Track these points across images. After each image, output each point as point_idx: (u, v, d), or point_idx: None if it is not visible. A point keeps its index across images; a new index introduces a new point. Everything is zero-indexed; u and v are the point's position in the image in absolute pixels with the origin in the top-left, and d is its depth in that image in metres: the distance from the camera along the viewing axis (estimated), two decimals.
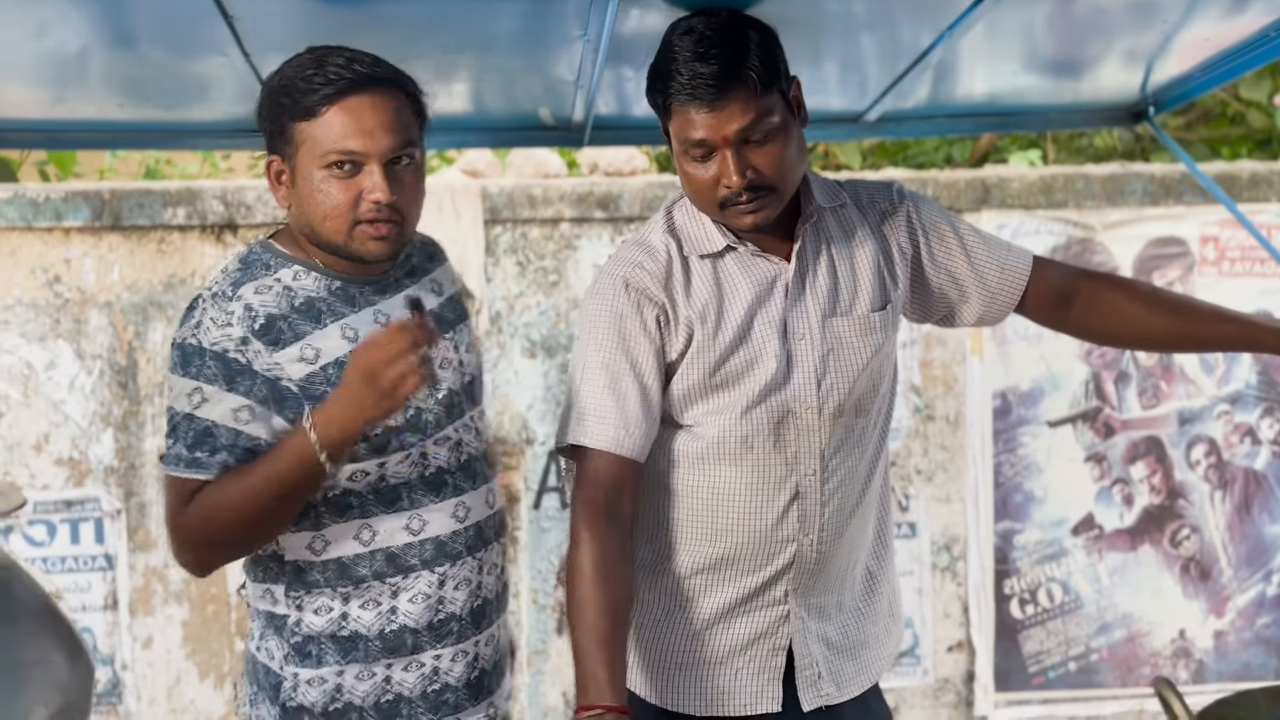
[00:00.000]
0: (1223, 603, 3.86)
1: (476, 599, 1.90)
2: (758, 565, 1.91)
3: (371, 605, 1.85)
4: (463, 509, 1.89)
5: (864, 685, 2.02)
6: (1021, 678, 3.78)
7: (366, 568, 1.84)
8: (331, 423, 1.72)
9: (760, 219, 1.83)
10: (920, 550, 3.74)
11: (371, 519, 1.84)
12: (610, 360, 1.85)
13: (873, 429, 1.98)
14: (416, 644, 1.86)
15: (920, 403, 3.73)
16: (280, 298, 1.81)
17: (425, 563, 1.86)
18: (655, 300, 1.86)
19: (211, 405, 1.77)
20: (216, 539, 1.79)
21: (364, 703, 1.86)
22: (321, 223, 1.77)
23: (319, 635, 1.85)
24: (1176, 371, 3.80)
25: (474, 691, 1.91)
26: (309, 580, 1.85)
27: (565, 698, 3.58)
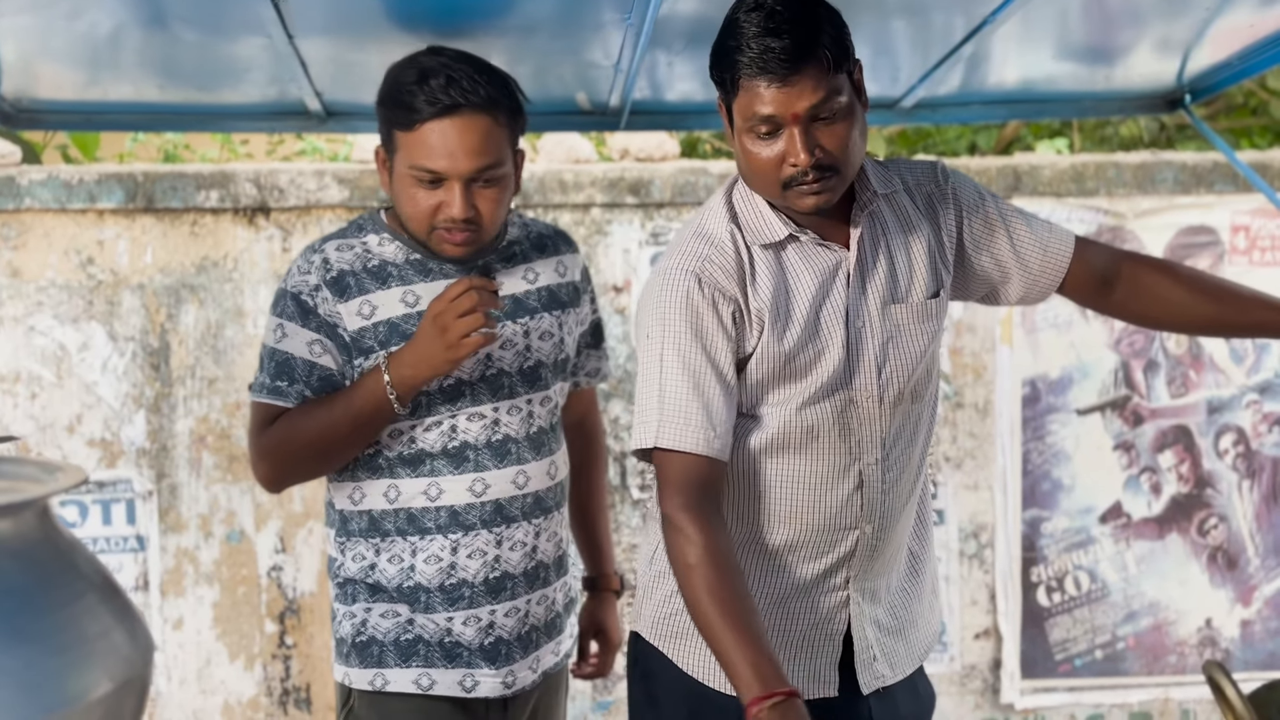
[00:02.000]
0: (1250, 592, 3.85)
1: (500, 572, 2.06)
2: (820, 553, 1.91)
3: (396, 560, 2.04)
4: (481, 484, 2.04)
5: (913, 665, 2.03)
6: (1048, 665, 3.78)
7: (432, 521, 2.05)
8: (403, 366, 1.91)
9: (823, 201, 1.80)
10: (948, 537, 3.74)
11: (440, 478, 2.02)
12: (690, 359, 1.81)
13: (925, 414, 1.98)
14: (430, 603, 2.04)
15: (950, 390, 3.73)
16: (358, 258, 2.02)
17: (440, 528, 2.04)
18: (729, 295, 1.83)
19: (290, 339, 2.00)
20: (292, 460, 2.01)
21: (385, 638, 2.04)
22: (408, 220, 1.99)
23: (354, 579, 2.07)
24: (1206, 360, 3.79)
25: (489, 655, 2.05)
26: (350, 529, 2.08)
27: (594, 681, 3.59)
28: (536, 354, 2.09)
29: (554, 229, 2.22)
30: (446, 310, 1.88)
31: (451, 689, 2.05)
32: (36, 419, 3.58)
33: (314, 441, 1.99)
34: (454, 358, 1.90)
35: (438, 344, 1.90)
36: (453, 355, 1.90)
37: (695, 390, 1.81)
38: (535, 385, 2.09)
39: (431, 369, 1.92)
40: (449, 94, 1.91)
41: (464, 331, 1.88)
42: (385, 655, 2.04)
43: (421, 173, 1.93)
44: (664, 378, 1.83)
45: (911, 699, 2.04)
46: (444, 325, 1.89)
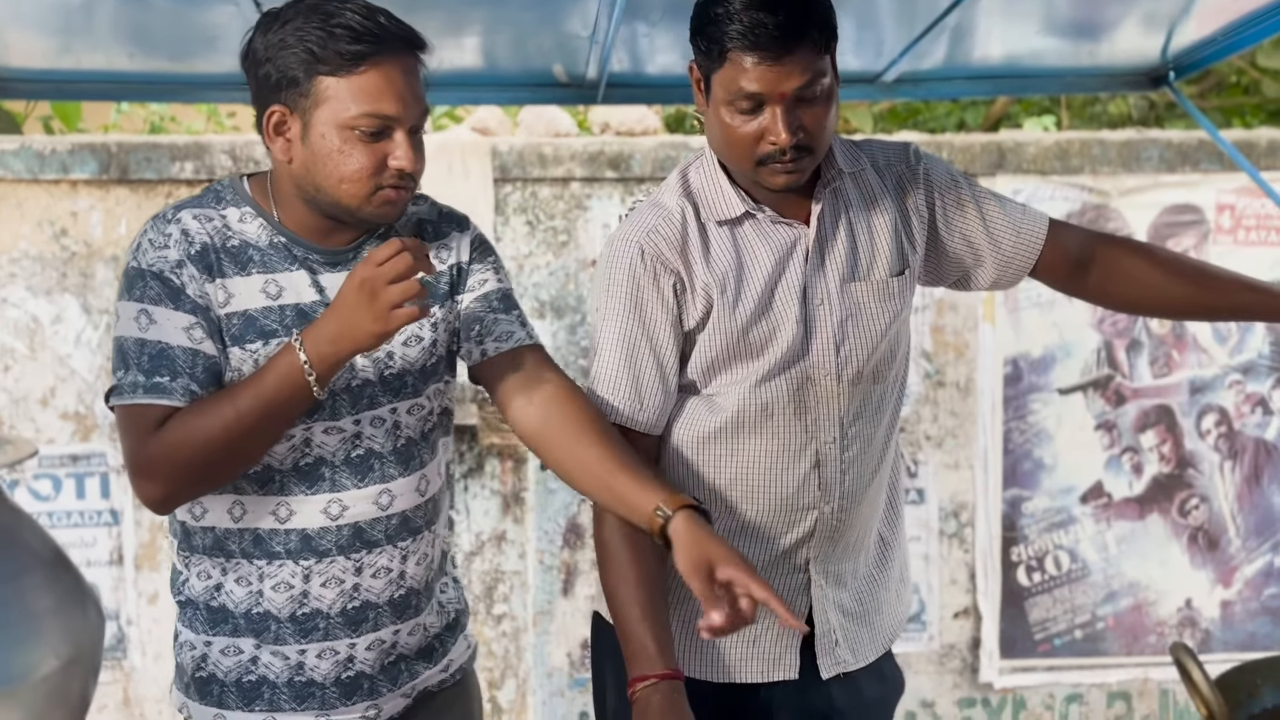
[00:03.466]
0: (1230, 573, 3.85)
1: (359, 602, 1.82)
2: (779, 533, 1.90)
3: (243, 583, 1.80)
4: (337, 505, 1.79)
5: (878, 652, 2.02)
6: (1027, 645, 3.78)
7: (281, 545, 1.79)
8: (321, 341, 1.63)
9: (794, 180, 1.79)
10: (928, 517, 3.73)
11: (290, 497, 1.77)
12: (626, 331, 1.83)
13: (889, 396, 1.96)
14: (280, 634, 1.80)
15: (931, 369, 3.71)
16: (218, 233, 1.73)
17: (289, 553, 1.79)
18: (671, 268, 1.82)
19: (161, 326, 1.69)
20: (193, 469, 1.67)
21: (226, 678, 1.82)
22: (336, 185, 1.69)
23: (195, 600, 1.82)
24: (1189, 340, 3.77)
25: (347, 691, 1.84)
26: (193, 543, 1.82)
27: (570, 658, 3.58)
28: (401, 360, 1.81)
29: (438, 209, 1.91)
30: (375, 275, 1.59)
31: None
32: (10, 392, 3.54)
33: (216, 443, 1.65)
34: (382, 331, 1.61)
35: (363, 314, 1.60)
36: (381, 328, 1.61)
37: (626, 362, 1.83)
38: (401, 392, 1.81)
39: (354, 344, 1.63)
40: (381, 27, 1.67)
41: (395, 301, 1.59)
42: (226, 696, 1.81)
43: (367, 122, 1.66)
44: (600, 349, 1.85)
45: (877, 683, 2.04)
46: (372, 292, 1.59)
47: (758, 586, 1.58)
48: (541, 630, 3.59)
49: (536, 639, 3.58)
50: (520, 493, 3.57)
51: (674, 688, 1.73)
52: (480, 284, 1.87)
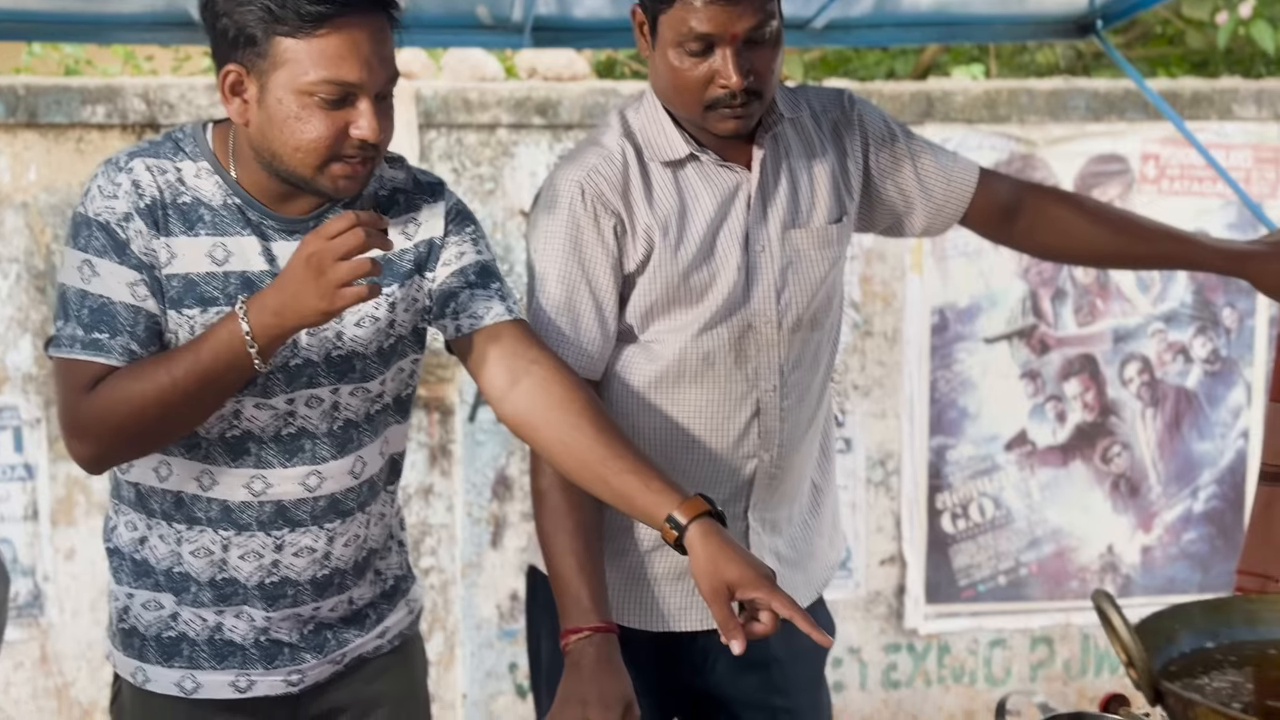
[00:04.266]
0: (1150, 518, 3.92)
1: (279, 578, 1.78)
2: (719, 482, 1.90)
3: (162, 542, 1.76)
4: (260, 482, 1.73)
5: (811, 597, 2.04)
6: (951, 591, 3.83)
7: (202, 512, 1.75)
8: (265, 312, 1.55)
9: (743, 126, 1.78)
10: (855, 465, 3.75)
11: (214, 466, 1.71)
12: (565, 273, 1.80)
13: (826, 343, 1.97)
14: (198, 597, 1.77)
15: (859, 318, 3.72)
16: (170, 187, 1.66)
17: (210, 521, 1.75)
18: (612, 209, 1.80)
19: (105, 280, 1.62)
20: (126, 432, 1.61)
21: (147, 632, 1.79)
22: (291, 153, 1.59)
23: (121, 549, 1.79)
24: (1113, 290, 3.81)
25: (266, 655, 1.80)
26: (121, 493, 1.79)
27: (499, 610, 3.57)
28: (351, 341, 1.73)
29: (414, 177, 1.81)
30: (324, 250, 1.50)
31: (222, 691, 1.79)
32: None
33: (150, 409, 1.58)
34: (327, 309, 1.53)
35: (309, 290, 1.52)
36: (326, 306, 1.53)
37: (566, 305, 1.81)
38: (347, 375, 1.74)
39: (299, 319, 1.55)
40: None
41: (343, 279, 1.50)
42: (147, 649, 1.78)
43: (328, 88, 1.56)
44: (539, 291, 1.83)
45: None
46: (319, 268, 1.51)
47: (780, 604, 1.53)
48: (470, 583, 3.57)
49: (465, 591, 3.56)
50: (447, 445, 3.53)
51: (608, 640, 1.73)
52: (457, 257, 1.76)
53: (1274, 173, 3.83)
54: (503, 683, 3.58)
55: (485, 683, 3.58)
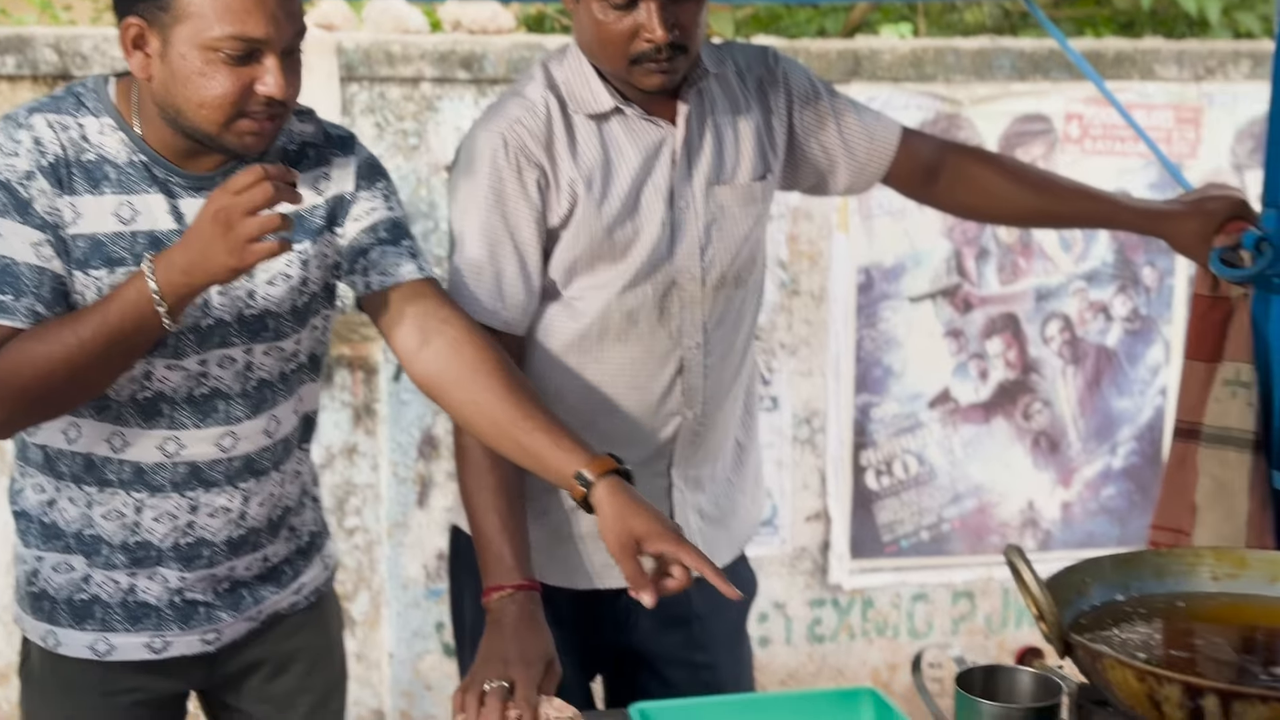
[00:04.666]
0: (1070, 475, 3.98)
1: (194, 539, 1.76)
2: (642, 440, 1.90)
3: (71, 504, 1.73)
4: (174, 443, 1.71)
5: (733, 554, 2.06)
6: (875, 546, 3.87)
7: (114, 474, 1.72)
8: (173, 270, 1.52)
9: (669, 81, 1.77)
10: (781, 423, 3.77)
11: (126, 428, 1.68)
12: (487, 226, 1.78)
13: (750, 301, 1.97)
14: (111, 559, 1.75)
15: (786, 277, 3.73)
16: (73, 144, 1.61)
17: (123, 483, 1.72)
18: (535, 161, 1.78)
19: (6, 240, 1.56)
20: (31, 396, 1.56)
21: (58, 594, 1.76)
22: (196, 110, 1.56)
23: (28, 512, 1.76)
24: (1035, 249, 3.85)
25: (182, 616, 1.79)
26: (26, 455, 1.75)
27: (425, 570, 3.56)
28: (264, 300, 1.70)
29: (324, 131, 1.78)
30: (231, 205, 1.48)
31: (136, 652, 1.77)
32: None
33: (58, 371, 1.54)
34: (237, 265, 1.50)
35: (217, 247, 1.49)
36: (236, 263, 1.50)
37: (489, 260, 1.79)
38: (260, 334, 1.72)
39: (208, 276, 1.52)
40: None
41: (252, 234, 1.48)
42: (57, 613, 1.76)
43: (232, 44, 1.51)
44: (461, 245, 1.81)
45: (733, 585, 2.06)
46: (227, 223, 1.48)
47: (689, 555, 1.53)
48: (396, 542, 3.54)
49: (391, 551, 3.54)
50: (372, 404, 3.50)
51: (530, 598, 1.73)
52: (367, 212, 1.74)
53: (1194, 133, 3.88)
54: (429, 642, 3.57)
55: (412, 642, 3.57)
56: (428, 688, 3.59)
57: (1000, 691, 1.54)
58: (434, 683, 3.58)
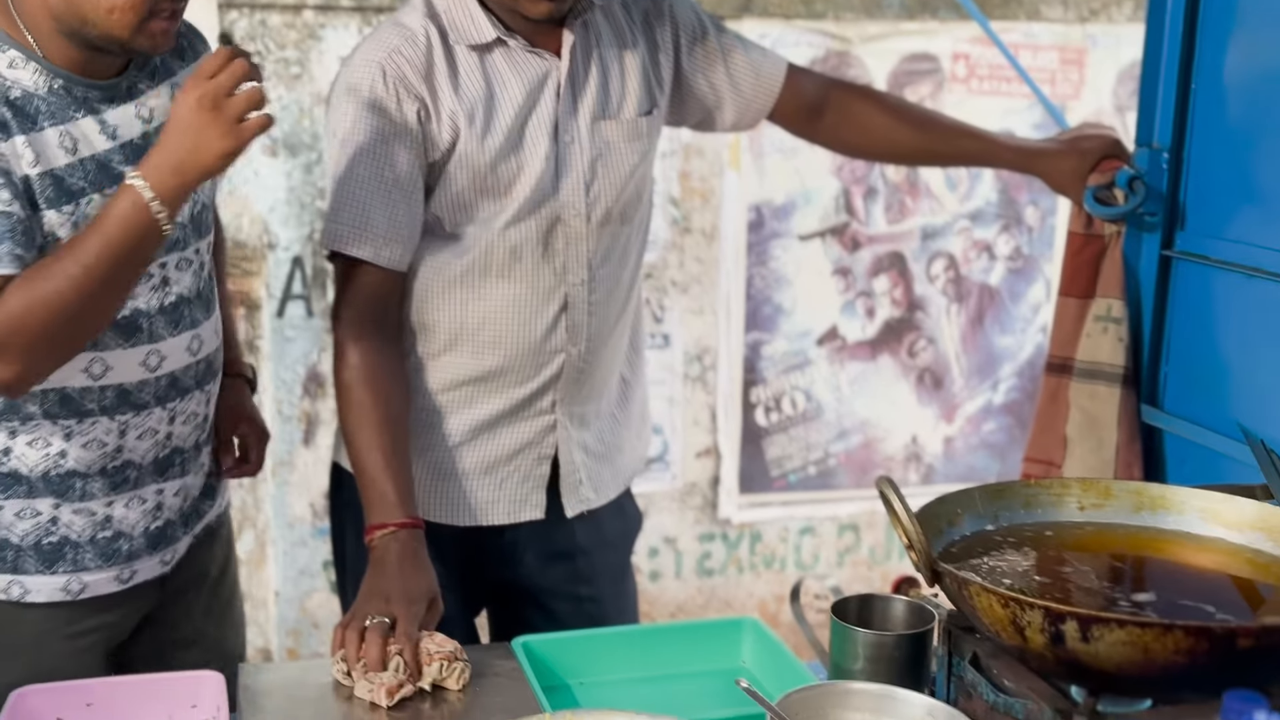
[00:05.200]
0: (953, 410, 4.07)
1: (170, 449, 1.77)
2: (527, 377, 1.89)
3: (40, 444, 1.69)
4: (156, 357, 1.72)
5: (618, 489, 2.06)
6: (764, 481, 3.92)
7: (94, 402, 1.69)
8: (165, 172, 1.51)
9: (555, 9, 1.74)
10: (673, 360, 3.78)
11: (107, 353, 1.67)
12: (367, 160, 1.74)
13: (636, 238, 1.96)
14: (86, 490, 1.73)
15: (678, 214, 3.72)
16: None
17: (104, 409, 1.71)
18: (415, 93, 1.74)
19: None
20: (46, 338, 1.53)
21: (22, 541, 1.72)
22: (106, 16, 1.53)
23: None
24: (922, 188, 3.90)
25: (154, 540, 1.80)
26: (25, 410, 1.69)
27: (312, 508, 3.52)
28: (202, 194, 1.74)
29: (186, 24, 1.77)
30: (213, 89, 1.48)
31: (107, 586, 1.77)
32: None
33: (69, 304, 1.51)
34: (234, 147, 1.50)
35: (210, 134, 1.49)
36: (233, 144, 1.50)
37: (369, 194, 1.76)
38: (202, 230, 1.76)
39: (201, 169, 1.52)
40: None
41: (242, 110, 1.48)
42: (23, 560, 1.71)
43: None
44: (340, 180, 1.77)
45: (618, 520, 2.09)
46: (214, 107, 1.48)
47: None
48: (281, 481, 3.49)
49: (276, 490, 3.49)
50: (255, 341, 3.42)
51: (414, 535, 1.72)
52: None
53: (1078, 74, 3.94)
54: (316, 580, 3.54)
55: (298, 580, 3.54)
56: (314, 625, 3.56)
57: (874, 619, 1.57)
58: (321, 620, 3.55)
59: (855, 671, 1.48)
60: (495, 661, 1.63)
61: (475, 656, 1.60)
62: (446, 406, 1.90)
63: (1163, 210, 1.93)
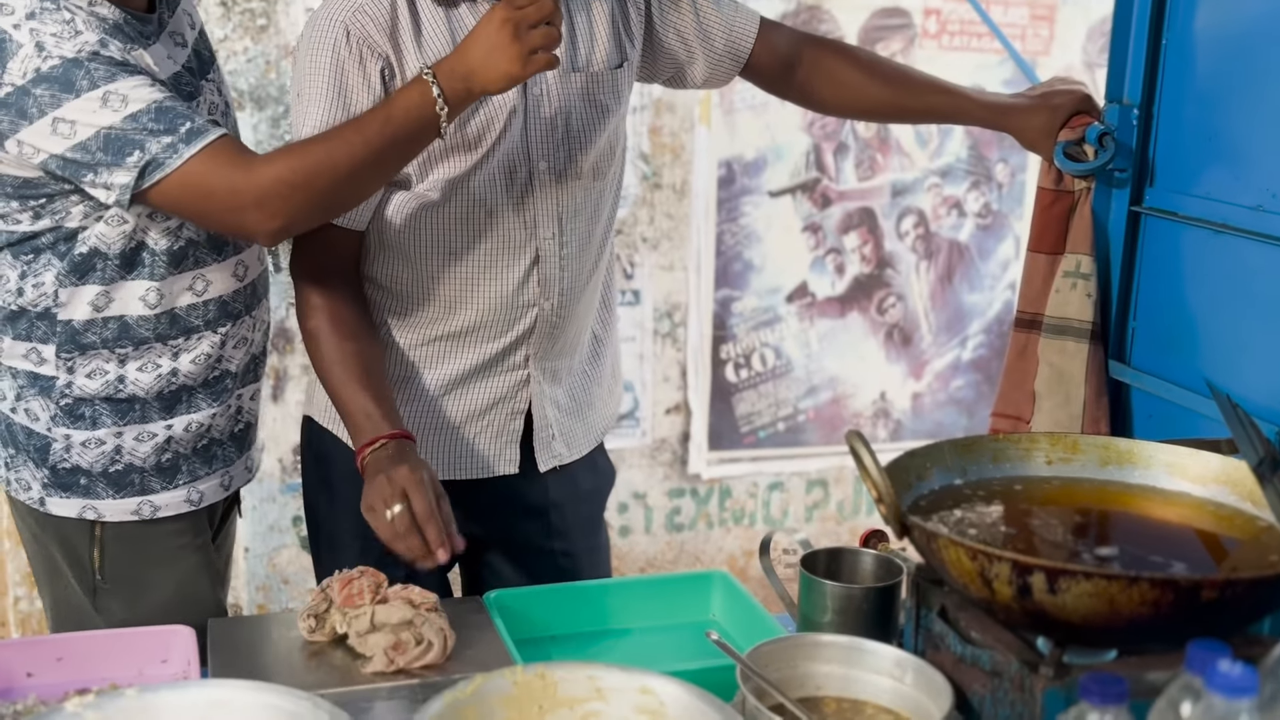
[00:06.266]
0: (921, 367, 4.08)
1: (249, 356, 1.92)
2: (499, 332, 1.88)
3: (151, 367, 1.80)
4: (242, 267, 1.86)
5: (591, 444, 2.06)
6: (733, 438, 3.93)
7: (149, 329, 1.77)
8: (455, 77, 1.63)
9: None
10: (643, 317, 3.78)
11: (205, 269, 1.81)
12: (330, 120, 1.72)
13: (608, 193, 1.94)
14: (193, 401, 1.84)
15: (648, 170, 3.70)
16: (95, 17, 1.65)
17: (208, 323, 1.82)
18: (379, 51, 1.72)
19: (139, 93, 1.60)
20: (314, 195, 1.64)
21: (145, 464, 1.82)
22: None
23: (93, 398, 1.79)
24: (893, 144, 3.89)
25: (239, 444, 1.94)
26: (84, 342, 1.76)
27: (281, 464, 3.50)
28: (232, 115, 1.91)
29: None
30: (519, 17, 1.59)
31: (215, 494, 1.93)
32: None
33: (341, 170, 1.63)
34: (518, 74, 1.61)
35: (501, 56, 1.60)
36: (518, 71, 1.61)
37: None
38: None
39: (485, 85, 1.62)
40: None
41: (537, 44, 1.60)
42: (148, 480, 1.84)
43: None
44: (300, 138, 1.74)
45: (590, 475, 2.09)
46: (514, 33, 1.59)
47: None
48: None
49: None
50: None
51: (404, 445, 1.69)
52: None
53: (1048, 30, 3.94)
54: (286, 536, 3.53)
55: (268, 536, 3.53)
56: (285, 581, 3.55)
57: (843, 573, 1.58)
58: (290, 576, 3.55)
59: (824, 624, 1.49)
60: (467, 615, 1.63)
61: (448, 610, 1.61)
62: (418, 362, 1.90)
63: (1132, 166, 1.93)
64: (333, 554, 1.95)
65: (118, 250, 1.73)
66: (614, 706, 1.25)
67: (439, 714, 1.18)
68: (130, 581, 1.84)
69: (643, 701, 1.24)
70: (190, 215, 1.70)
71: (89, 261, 1.73)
